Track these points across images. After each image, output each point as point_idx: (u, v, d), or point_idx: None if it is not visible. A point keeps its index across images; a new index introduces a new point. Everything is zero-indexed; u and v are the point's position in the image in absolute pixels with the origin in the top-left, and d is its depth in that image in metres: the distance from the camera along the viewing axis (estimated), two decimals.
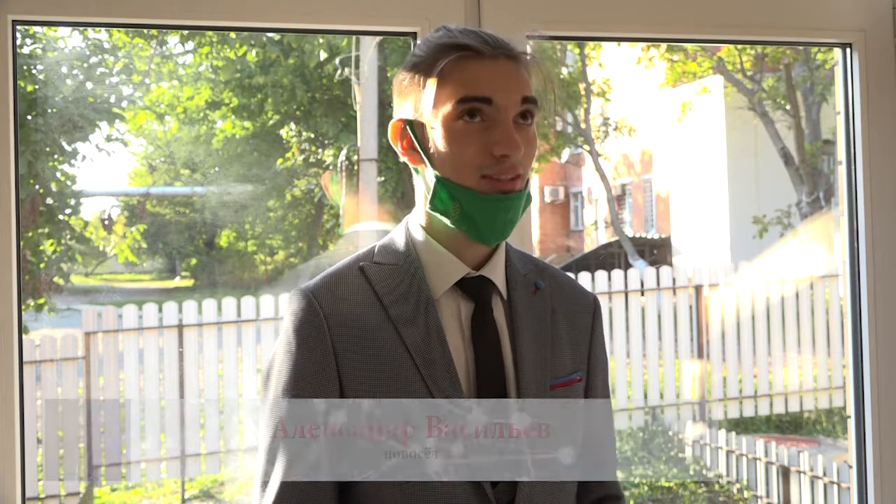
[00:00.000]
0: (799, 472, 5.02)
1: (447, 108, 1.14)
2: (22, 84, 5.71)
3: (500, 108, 1.14)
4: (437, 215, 1.18)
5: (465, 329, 1.19)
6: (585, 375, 1.29)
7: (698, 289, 6.85)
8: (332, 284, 1.20)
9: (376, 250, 1.23)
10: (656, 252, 12.76)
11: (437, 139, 1.16)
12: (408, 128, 1.20)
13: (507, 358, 1.20)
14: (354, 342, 1.16)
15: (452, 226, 1.17)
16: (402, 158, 1.23)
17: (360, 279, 1.20)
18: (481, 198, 1.14)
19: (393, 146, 1.23)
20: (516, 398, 1.19)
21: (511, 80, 1.15)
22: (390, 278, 1.19)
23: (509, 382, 1.19)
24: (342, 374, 1.15)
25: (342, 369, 1.15)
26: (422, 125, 1.18)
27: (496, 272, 1.23)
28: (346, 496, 1.18)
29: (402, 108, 1.21)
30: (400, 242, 1.23)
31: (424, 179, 1.20)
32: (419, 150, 1.18)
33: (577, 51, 10.85)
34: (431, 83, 1.15)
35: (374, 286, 1.19)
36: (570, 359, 1.27)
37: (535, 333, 1.23)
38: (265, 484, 1.16)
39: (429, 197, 1.18)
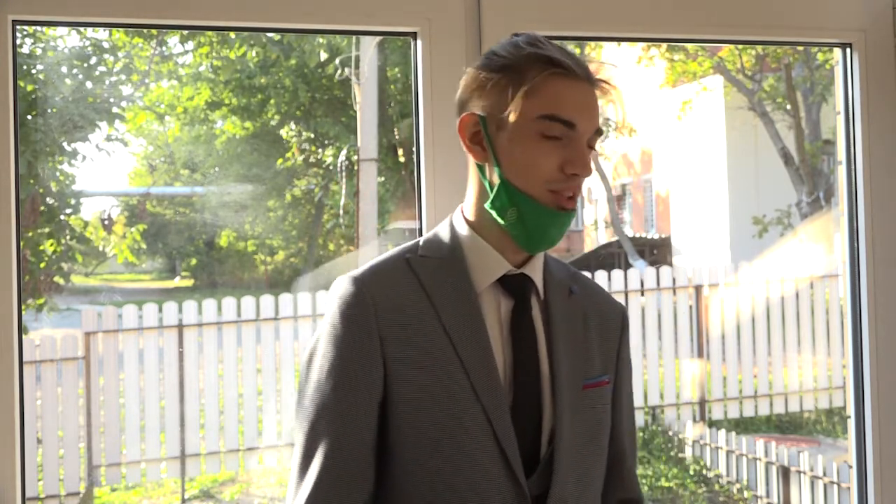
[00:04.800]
0: (799, 472, 5.02)
1: (530, 118, 1.18)
2: (22, 84, 5.71)
3: (579, 132, 1.20)
4: (493, 213, 1.21)
5: (504, 324, 1.23)
6: (613, 379, 1.32)
7: (698, 289, 6.85)
8: (380, 273, 1.23)
9: (421, 244, 1.27)
10: (656, 252, 12.76)
11: (512, 144, 1.19)
12: (481, 124, 1.22)
13: (543, 354, 1.23)
14: (400, 329, 1.19)
15: (504, 227, 1.21)
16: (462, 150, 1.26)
17: (406, 270, 1.23)
18: (542, 210, 1.19)
19: (459, 136, 1.24)
20: (550, 394, 1.22)
21: (592, 108, 1.21)
22: (436, 271, 1.23)
23: (544, 378, 1.23)
24: (387, 360, 1.18)
25: (387, 355, 1.18)
26: (496, 124, 1.20)
27: (536, 272, 1.27)
28: (384, 474, 1.20)
29: (477, 104, 1.23)
30: (445, 237, 1.26)
31: (486, 176, 1.23)
32: (488, 148, 1.21)
33: (577, 51, 10.84)
34: (522, 93, 1.18)
35: (419, 278, 1.22)
36: (600, 362, 1.30)
37: (569, 333, 1.26)
38: (303, 471, 1.18)
39: (490, 195, 1.21)
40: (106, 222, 7.71)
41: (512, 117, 1.18)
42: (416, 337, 1.19)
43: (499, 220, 1.21)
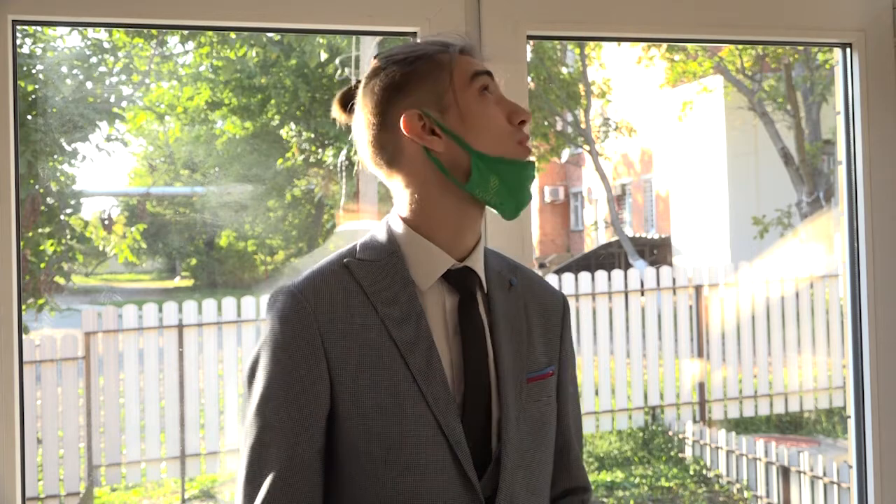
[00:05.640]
0: (799, 472, 5.02)
1: (466, 83, 1.21)
2: (22, 84, 5.71)
3: (496, 83, 1.24)
4: (474, 193, 1.19)
5: (450, 321, 1.20)
6: (557, 370, 1.31)
7: (698, 289, 6.85)
8: (318, 281, 1.19)
9: (359, 247, 1.24)
10: (656, 252, 12.76)
11: (466, 115, 1.19)
12: (426, 116, 1.20)
13: (489, 350, 1.22)
14: (342, 337, 1.16)
15: (489, 201, 1.20)
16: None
17: (345, 275, 1.20)
18: (517, 165, 1.20)
19: (408, 139, 1.20)
20: (496, 390, 1.20)
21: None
22: (376, 273, 1.20)
23: (491, 375, 1.21)
24: (332, 371, 1.15)
25: (332, 366, 1.15)
26: (437, 110, 1.19)
27: (479, 265, 1.25)
28: (332, 486, 1.18)
29: (403, 104, 1.20)
30: (382, 238, 1.23)
31: (447, 167, 1.19)
32: (444, 133, 1.19)
33: (577, 51, 10.85)
34: (453, 64, 1.21)
35: (360, 282, 1.19)
36: (543, 353, 1.29)
37: (511, 327, 1.25)
38: (250, 488, 1.16)
39: (471, 177, 1.18)
40: (106, 222, 7.72)
41: (454, 91, 1.20)
42: (360, 344, 1.16)
43: (481, 197, 1.19)
